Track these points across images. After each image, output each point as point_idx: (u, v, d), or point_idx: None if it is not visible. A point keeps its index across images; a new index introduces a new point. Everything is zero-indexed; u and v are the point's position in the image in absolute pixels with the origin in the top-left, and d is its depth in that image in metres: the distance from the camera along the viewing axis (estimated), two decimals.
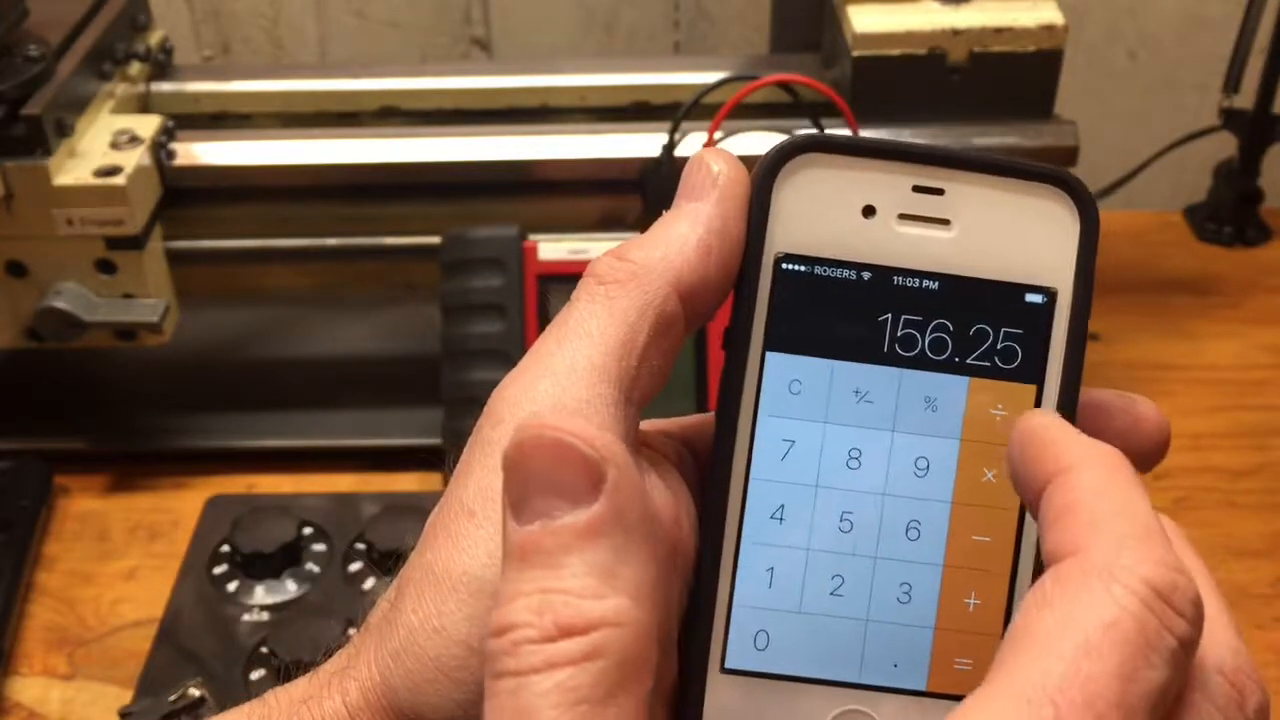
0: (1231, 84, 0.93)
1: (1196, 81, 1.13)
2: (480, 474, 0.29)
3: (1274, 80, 0.93)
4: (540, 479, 0.26)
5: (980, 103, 0.79)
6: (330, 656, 0.32)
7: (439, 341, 0.76)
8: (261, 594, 0.71)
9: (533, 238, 0.76)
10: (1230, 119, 0.95)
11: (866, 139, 0.32)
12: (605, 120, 0.84)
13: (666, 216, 0.32)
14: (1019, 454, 0.29)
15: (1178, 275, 0.96)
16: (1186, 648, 0.25)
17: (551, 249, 0.75)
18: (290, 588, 0.71)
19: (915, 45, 0.78)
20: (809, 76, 0.78)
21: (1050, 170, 0.32)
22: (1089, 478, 0.27)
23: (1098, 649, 0.24)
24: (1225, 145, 0.98)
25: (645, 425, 0.33)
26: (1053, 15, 0.78)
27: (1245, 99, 0.94)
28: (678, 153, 0.77)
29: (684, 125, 0.78)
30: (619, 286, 0.30)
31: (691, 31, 1.12)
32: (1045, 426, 0.29)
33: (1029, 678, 0.24)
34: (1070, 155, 0.79)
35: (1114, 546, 0.25)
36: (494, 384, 0.31)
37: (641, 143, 0.79)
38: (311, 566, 0.72)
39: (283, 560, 0.71)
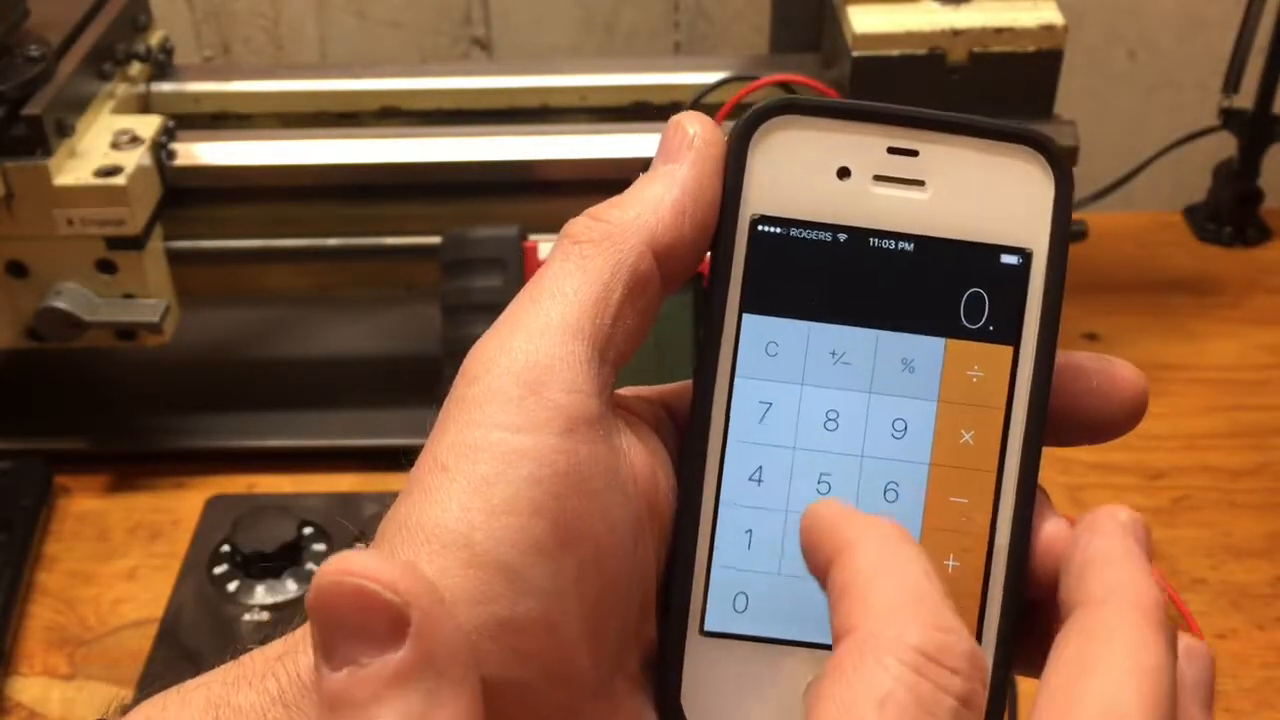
0: (1231, 84, 0.93)
1: (1196, 81, 1.13)
2: (455, 430, 0.30)
3: (1274, 80, 0.93)
4: (344, 626, 0.25)
5: (980, 103, 0.79)
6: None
7: (439, 341, 0.76)
8: (262, 594, 0.71)
9: (533, 238, 0.76)
10: (1230, 119, 0.95)
11: (841, 101, 0.32)
12: (605, 120, 0.84)
13: (642, 178, 0.32)
14: (804, 544, 0.29)
15: (1177, 275, 0.96)
16: (967, 703, 0.25)
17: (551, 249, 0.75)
18: (290, 588, 0.71)
19: (915, 45, 0.78)
20: (809, 76, 0.77)
21: (1024, 130, 0.32)
22: (863, 554, 0.27)
23: None
24: (1225, 145, 0.98)
25: (623, 392, 0.33)
26: (1053, 15, 0.78)
27: (1245, 99, 0.94)
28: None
29: None
30: (593, 246, 0.31)
31: (691, 31, 1.12)
32: (822, 511, 0.29)
33: None
34: (1070, 155, 0.79)
35: (883, 619, 0.26)
36: None
37: (641, 143, 0.79)
38: (312, 566, 0.72)
39: (283, 560, 0.71)
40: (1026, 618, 0.32)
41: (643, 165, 0.32)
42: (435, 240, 0.78)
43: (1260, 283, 0.95)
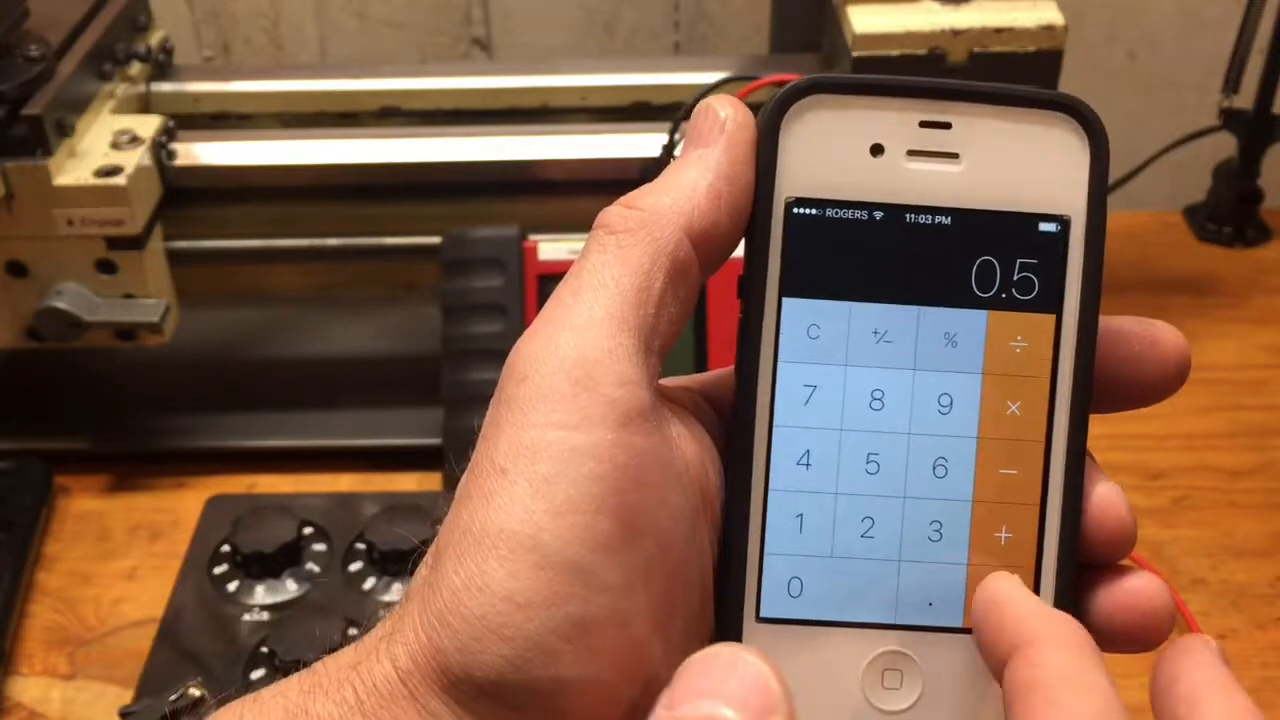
0: (1231, 84, 0.93)
1: (1196, 81, 1.13)
2: (510, 432, 0.29)
3: (1274, 80, 0.93)
4: None
5: None
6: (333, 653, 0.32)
7: (439, 341, 0.76)
8: (261, 594, 0.71)
9: (533, 238, 0.76)
10: (1230, 119, 0.95)
11: (870, 77, 0.32)
12: (605, 120, 0.84)
13: (675, 164, 0.31)
14: (982, 621, 0.29)
15: (1177, 275, 0.96)
16: None
17: (551, 249, 0.75)
18: (290, 588, 0.71)
19: (915, 45, 0.78)
20: None
21: (1057, 96, 0.32)
22: (1051, 655, 0.27)
23: None
24: (1225, 145, 0.98)
25: (663, 383, 0.32)
26: (1053, 15, 0.78)
27: (1245, 99, 0.94)
28: (677, 153, 0.77)
29: (684, 125, 0.78)
30: (630, 235, 0.30)
31: (691, 31, 1.12)
32: (1007, 596, 0.29)
33: None
34: None
35: None
36: (494, 384, 0.31)
37: (641, 143, 0.79)
38: (311, 566, 0.72)
39: (283, 560, 0.71)
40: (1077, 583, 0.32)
41: (642, 165, 0.32)
42: (435, 240, 0.78)
43: (1260, 283, 0.95)
